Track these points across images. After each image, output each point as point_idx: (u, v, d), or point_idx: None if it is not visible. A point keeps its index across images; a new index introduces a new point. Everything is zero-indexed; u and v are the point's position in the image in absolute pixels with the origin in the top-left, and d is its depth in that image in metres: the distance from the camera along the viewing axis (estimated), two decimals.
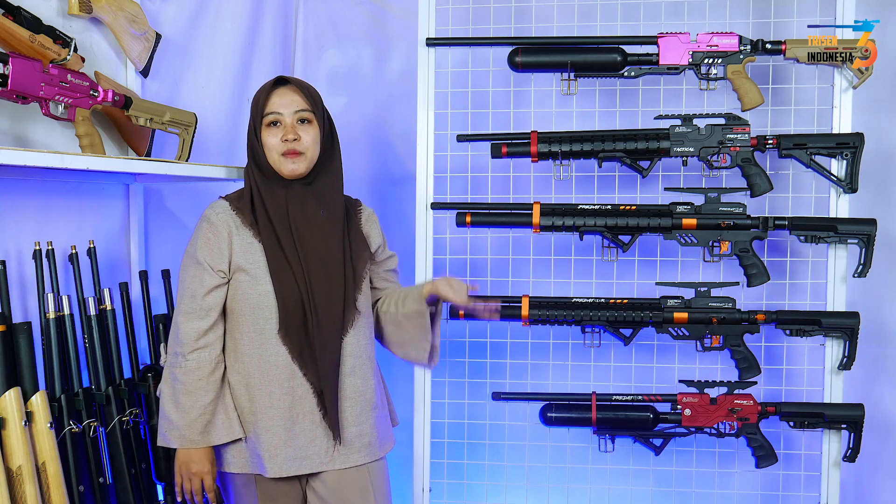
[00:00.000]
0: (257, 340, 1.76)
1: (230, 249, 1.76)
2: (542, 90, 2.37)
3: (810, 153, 2.13)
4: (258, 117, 1.80)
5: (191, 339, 1.73)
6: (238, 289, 1.76)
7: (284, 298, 1.74)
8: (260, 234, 1.77)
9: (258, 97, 1.81)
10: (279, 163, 1.78)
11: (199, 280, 1.74)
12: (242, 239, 1.77)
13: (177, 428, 1.72)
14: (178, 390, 1.72)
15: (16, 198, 1.89)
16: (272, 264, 1.75)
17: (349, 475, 1.81)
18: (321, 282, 1.77)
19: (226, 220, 1.78)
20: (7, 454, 1.60)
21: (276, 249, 1.76)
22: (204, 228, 1.77)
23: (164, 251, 2.33)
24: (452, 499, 2.40)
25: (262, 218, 1.78)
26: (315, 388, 1.76)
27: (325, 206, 1.82)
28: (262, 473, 1.76)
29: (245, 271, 1.75)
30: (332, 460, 1.79)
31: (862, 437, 2.12)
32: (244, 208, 1.79)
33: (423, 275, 2.27)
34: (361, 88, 2.81)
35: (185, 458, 1.74)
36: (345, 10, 2.82)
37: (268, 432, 1.75)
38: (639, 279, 2.32)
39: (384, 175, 2.79)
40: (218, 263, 1.75)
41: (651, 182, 2.29)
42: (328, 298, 1.77)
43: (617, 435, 2.21)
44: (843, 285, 2.16)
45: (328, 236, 1.80)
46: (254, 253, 1.76)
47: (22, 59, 1.68)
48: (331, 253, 1.80)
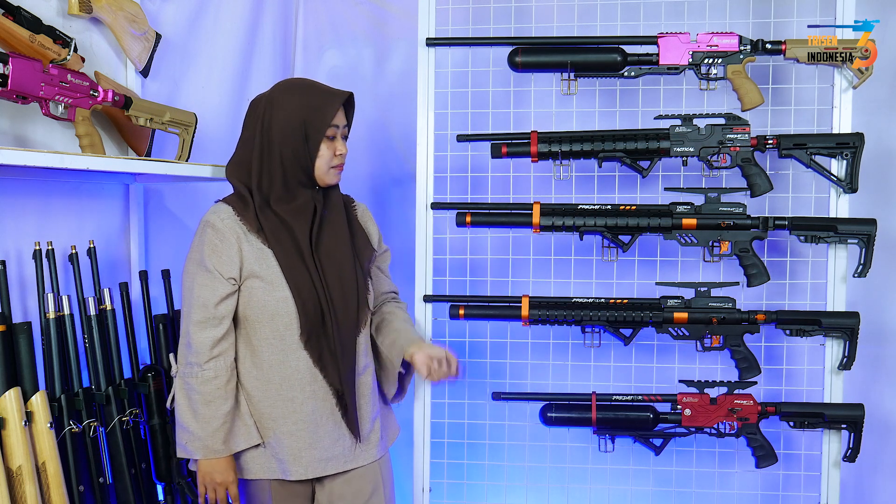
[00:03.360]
0: (278, 347, 1.74)
1: (240, 256, 1.72)
2: (542, 90, 2.37)
3: (810, 153, 2.13)
4: (323, 126, 1.75)
5: (206, 348, 1.70)
6: (252, 296, 1.73)
7: (304, 304, 1.72)
8: (268, 241, 1.74)
9: (325, 108, 1.75)
10: (326, 173, 1.78)
11: (210, 288, 1.70)
12: (252, 245, 1.73)
13: (198, 439, 1.70)
14: (196, 401, 1.70)
15: (16, 198, 1.89)
16: (287, 270, 1.72)
17: (364, 470, 1.83)
18: (336, 284, 1.76)
19: (232, 227, 1.73)
20: (7, 454, 1.60)
21: (292, 254, 1.73)
22: (209, 235, 1.72)
23: (164, 251, 2.33)
24: (452, 499, 2.40)
25: (273, 223, 1.74)
26: (335, 390, 1.77)
27: (334, 209, 1.83)
28: (285, 477, 1.76)
29: (259, 277, 1.72)
30: (354, 458, 1.82)
31: (862, 437, 2.12)
32: (248, 214, 1.75)
33: (423, 275, 2.27)
34: (361, 88, 2.80)
35: (209, 468, 1.72)
36: (345, 10, 2.82)
37: (291, 437, 1.75)
38: (639, 279, 2.32)
39: (384, 175, 2.79)
40: (228, 271, 1.71)
41: (651, 182, 2.29)
42: (344, 300, 1.77)
43: (617, 435, 2.21)
44: (843, 285, 2.16)
45: (338, 236, 1.80)
46: (266, 259, 1.73)
47: (22, 59, 1.68)
48: (342, 253, 1.79)
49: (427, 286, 2.27)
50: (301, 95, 1.77)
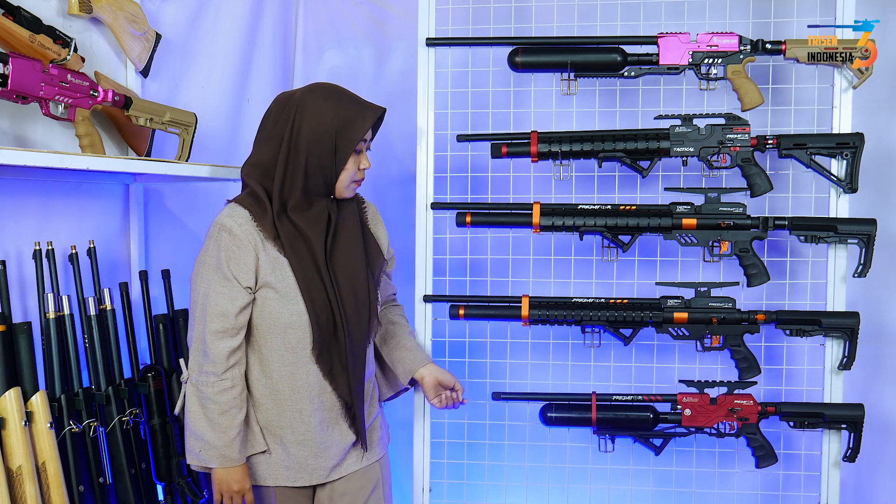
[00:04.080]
0: (289, 359, 1.72)
1: (256, 265, 1.67)
2: (542, 90, 2.37)
3: (810, 153, 2.13)
4: (354, 141, 1.70)
5: (223, 357, 1.66)
6: (265, 306, 1.69)
7: (318, 318, 1.69)
8: (284, 250, 1.68)
9: (357, 120, 1.71)
10: (347, 188, 1.76)
11: (228, 298, 1.65)
12: (269, 255, 1.68)
13: (215, 448, 1.67)
14: (213, 410, 1.66)
15: (16, 198, 1.89)
16: (302, 282, 1.68)
17: (365, 469, 1.84)
18: (350, 297, 1.73)
19: (250, 233, 1.66)
20: (7, 454, 1.60)
21: (307, 265, 1.69)
22: (226, 240, 1.66)
23: (164, 251, 2.33)
24: (452, 499, 2.40)
25: (289, 230, 1.69)
26: (344, 402, 1.76)
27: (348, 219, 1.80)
28: (291, 484, 1.76)
29: (274, 289, 1.68)
30: (358, 462, 1.83)
31: (862, 437, 2.12)
32: (266, 221, 1.68)
33: (423, 275, 2.27)
34: (361, 88, 2.77)
35: (226, 477, 1.70)
36: (345, 10, 2.82)
37: (299, 446, 1.75)
38: (639, 279, 2.32)
39: (384, 175, 2.78)
40: (246, 279, 1.66)
41: (651, 182, 2.29)
42: (357, 314, 1.75)
43: (617, 435, 2.21)
44: (843, 285, 2.16)
45: (352, 246, 1.77)
46: (282, 269, 1.68)
47: (22, 59, 1.68)
48: (355, 264, 1.76)
49: (427, 286, 2.27)
50: (335, 104, 1.71)
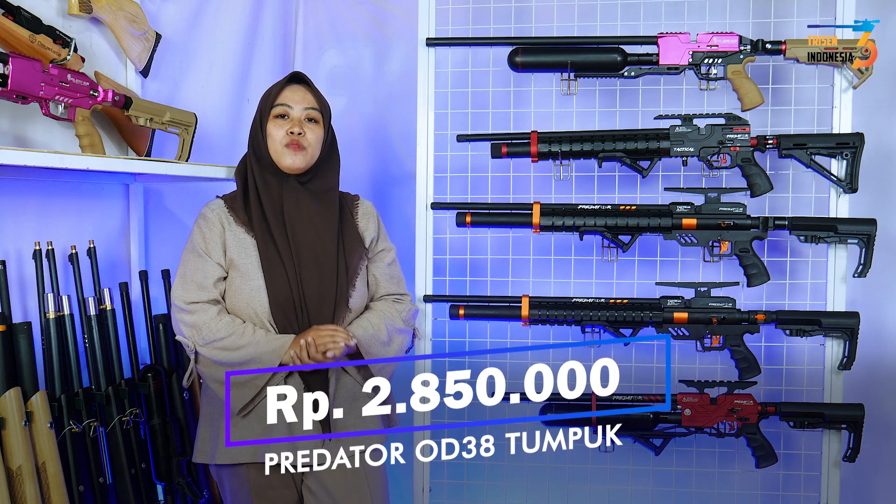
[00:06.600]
0: None
1: (224, 244, 1.78)
2: (542, 90, 2.37)
3: (810, 153, 2.13)
4: (267, 108, 1.81)
5: (212, 322, 1.72)
6: (231, 284, 1.77)
7: (276, 294, 1.75)
8: (254, 230, 1.78)
9: (271, 89, 1.83)
10: (280, 154, 1.79)
11: (202, 271, 1.75)
12: (236, 235, 1.78)
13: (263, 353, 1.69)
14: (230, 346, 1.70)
15: (16, 198, 1.89)
16: (264, 260, 1.76)
17: (344, 473, 1.81)
18: (313, 278, 1.76)
19: (219, 216, 1.80)
20: (7, 454, 1.60)
21: (269, 245, 1.77)
22: (199, 223, 1.81)
23: (164, 251, 2.33)
24: (452, 499, 2.40)
25: (257, 214, 1.79)
26: (306, 384, 1.75)
27: (320, 203, 1.82)
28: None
29: (236, 267, 1.76)
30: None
31: (862, 437, 2.12)
32: (237, 207, 1.82)
33: (423, 275, 2.27)
34: (361, 88, 2.81)
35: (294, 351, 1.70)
36: (345, 10, 2.82)
37: None
38: (639, 279, 2.32)
39: (384, 175, 2.78)
40: (216, 255, 1.77)
41: (651, 182, 2.29)
42: (319, 295, 1.77)
43: (617, 435, 2.20)
44: (843, 285, 2.16)
45: (322, 232, 1.80)
46: (247, 248, 1.78)
47: (22, 59, 1.68)
48: (324, 248, 1.79)
49: (427, 286, 2.27)
50: None
